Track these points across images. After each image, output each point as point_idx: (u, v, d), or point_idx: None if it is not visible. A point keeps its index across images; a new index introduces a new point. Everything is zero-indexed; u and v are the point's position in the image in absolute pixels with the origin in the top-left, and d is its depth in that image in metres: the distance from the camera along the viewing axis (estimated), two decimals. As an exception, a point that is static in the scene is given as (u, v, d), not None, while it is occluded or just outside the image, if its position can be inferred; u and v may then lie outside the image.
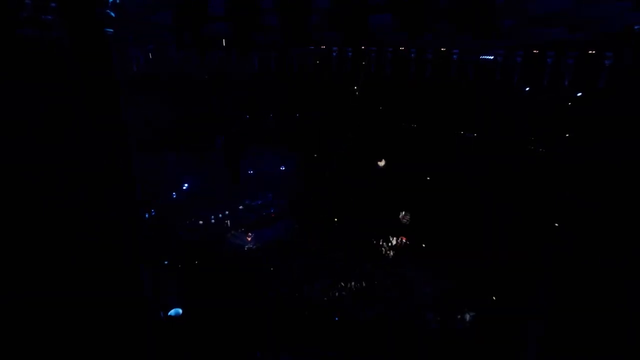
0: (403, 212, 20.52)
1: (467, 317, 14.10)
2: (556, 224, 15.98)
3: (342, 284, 15.80)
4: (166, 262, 16.09)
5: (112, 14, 7.88)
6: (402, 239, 19.22)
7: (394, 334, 12.92)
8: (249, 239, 19.59)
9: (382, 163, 21.90)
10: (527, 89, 17.82)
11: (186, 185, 21.88)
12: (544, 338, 12.34)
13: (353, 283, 15.81)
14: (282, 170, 24.96)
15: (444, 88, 19.23)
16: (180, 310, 10.43)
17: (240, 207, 22.38)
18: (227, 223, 21.10)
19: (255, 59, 19.90)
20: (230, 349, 9.43)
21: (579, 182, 14.92)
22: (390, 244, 19.02)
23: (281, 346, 10.01)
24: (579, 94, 16.73)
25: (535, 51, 16.74)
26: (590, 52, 15.30)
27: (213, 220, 21.08)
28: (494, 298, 14.76)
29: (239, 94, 20.36)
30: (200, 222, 20.72)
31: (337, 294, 15.29)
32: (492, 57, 17.92)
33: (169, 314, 10.29)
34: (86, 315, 4.71)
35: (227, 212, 21.68)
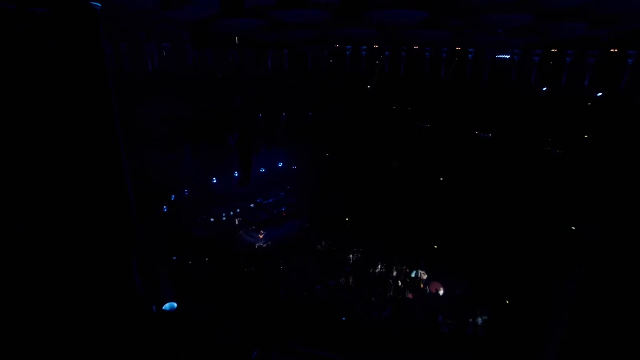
0: (416, 213, 20.24)
1: (480, 320, 13.78)
2: (573, 228, 15.53)
3: (353, 284, 15.64)
4: (174, 258, 16.16)
5: None
6: (415, 240, 18.93)
7: (403, 336, 12.71)
8: (261, 236, 19.63)
9: (395, 163, 21.67)
10: (545, 88, 17.41)
11: (198, 183, 22.06)
12: (560, 344, 11.97)
13: (364, 284, 15.63)
14: (294, 169, 25.00)
15: (459, 87, 18.95)
16: (175, 305, 10.24)
17: (252, 205, 22.47)
18: (238, 221, 21.20)
19: (269, 58, 19.97)
20: (227, 346, 9.28)
21: (596, 184, 14.44)
22: (403, 245, 18.74)
23: (279, 346, 9.83)
24: (600, 95, 16.25)
25: (553, 50, 16.37)
26: (612, 50, 14.87)
27: (225, 218, 21.22)
28: (507, 302, 14.40)
29: (252, 93, 20.44)
30: (212, 219, 20.87)
31: (347, 294, 15.14)
32: (508, 56, 17.62)
33: (164, 308, 10.10)
34: (74, 309, 4.57)
35: (238, 210, 21.79)
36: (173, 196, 20.58)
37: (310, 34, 15.28)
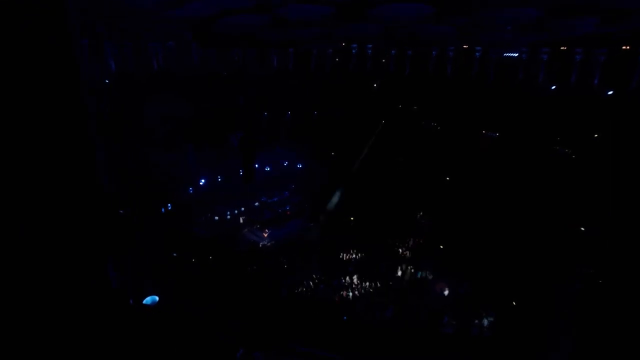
0: (421, 213, 20.11)
1: (485, 322, 13.61)
2: (582, 228, 15.26)
3: (356, 284, 15.55)
4: (174, 255, 16.15)
5: None
6: (419, 240, 18.80)
7: (405, 336, 12.57)
8: (265, 235, 19.62)
9: (400, 162, 21.51)
10: (553, 87, 17.10)
11: (203, 181, 22.09)
12: (565, 345, 11.77)
13: (367, 283, 15.54)
14: (299, 168, 24.91)
15: (465, 86, 18.70)
16: (157, 298, 9.95)
17: (256, 204, 22.44)
18: (242, 219, 21.19)
19: (274, 57, 19.85)
20: (214, 344, 9.11)
21: (606, 184, 14.17)
22: (407, 245, 18.63)
23: (271, 345, 9.66)
24: (610, 93, 15.91)
25: (562, 47, 16.04)
26: (623, 47, 14.53)
27: (229, 217, 21.22)
28: (513, 303, 14.19)
29: (256, 92, 20.37)
30: (216, 217, 20.89)
31: (350, 294, 15.06)
32: (516, 54, 17.31)
33: (144, 302, 9.79)
34: (37, 301, 4.39)
35: (242, 209, 21.79)
36: (178, 194, 20.62)
37: (315, 32, 15.15)
